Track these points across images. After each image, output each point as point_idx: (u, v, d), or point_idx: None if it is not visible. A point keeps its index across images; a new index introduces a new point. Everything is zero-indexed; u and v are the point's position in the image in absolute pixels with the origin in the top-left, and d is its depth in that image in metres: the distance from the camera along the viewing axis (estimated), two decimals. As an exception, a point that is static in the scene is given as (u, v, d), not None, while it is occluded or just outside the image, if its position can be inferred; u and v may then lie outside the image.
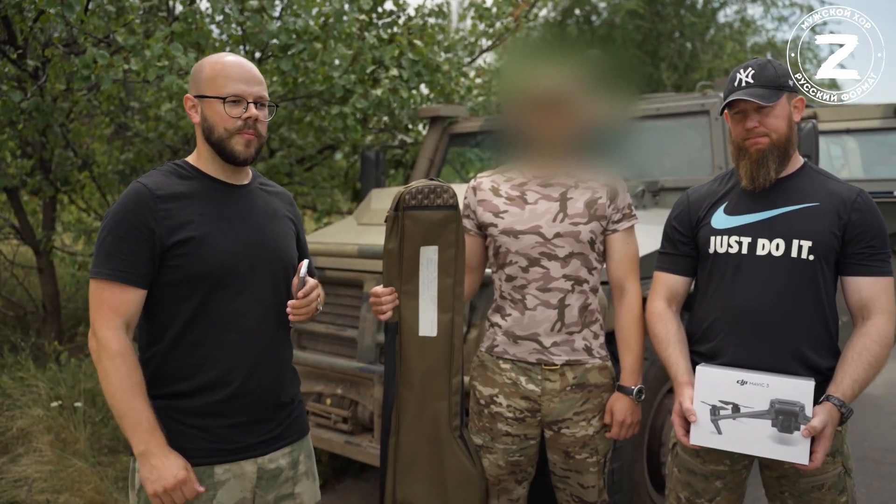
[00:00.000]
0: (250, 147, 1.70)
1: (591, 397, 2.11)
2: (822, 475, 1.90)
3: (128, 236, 1.59)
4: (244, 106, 1.66)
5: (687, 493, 2.06)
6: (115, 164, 5.46)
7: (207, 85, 1.66)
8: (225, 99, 1.65)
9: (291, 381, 1.85)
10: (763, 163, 1.89)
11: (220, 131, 1.67)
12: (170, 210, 1.62)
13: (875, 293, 1.85)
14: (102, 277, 1.59)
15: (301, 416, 1.88)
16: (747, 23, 13.74)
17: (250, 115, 1.66)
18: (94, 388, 4.58)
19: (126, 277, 1.58)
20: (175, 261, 1.62)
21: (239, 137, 1.67)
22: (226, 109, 1.65)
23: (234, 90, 1.65)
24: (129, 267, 1.58)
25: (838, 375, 1.81)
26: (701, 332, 2.01)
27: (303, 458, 1.84)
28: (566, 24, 13.69)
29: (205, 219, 1.65)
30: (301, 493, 1.82)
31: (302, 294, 1.72)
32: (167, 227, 1.61)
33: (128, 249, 1.58)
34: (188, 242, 1.62)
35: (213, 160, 1.72)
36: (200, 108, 1.69)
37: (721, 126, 3.75)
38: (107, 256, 1.59)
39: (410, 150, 5.50)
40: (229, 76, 1.66)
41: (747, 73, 1.89)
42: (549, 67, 2.18)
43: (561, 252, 2.06)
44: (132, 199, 1.62)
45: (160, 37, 3.34)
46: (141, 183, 1.65)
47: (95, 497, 3.34)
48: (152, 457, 1.56)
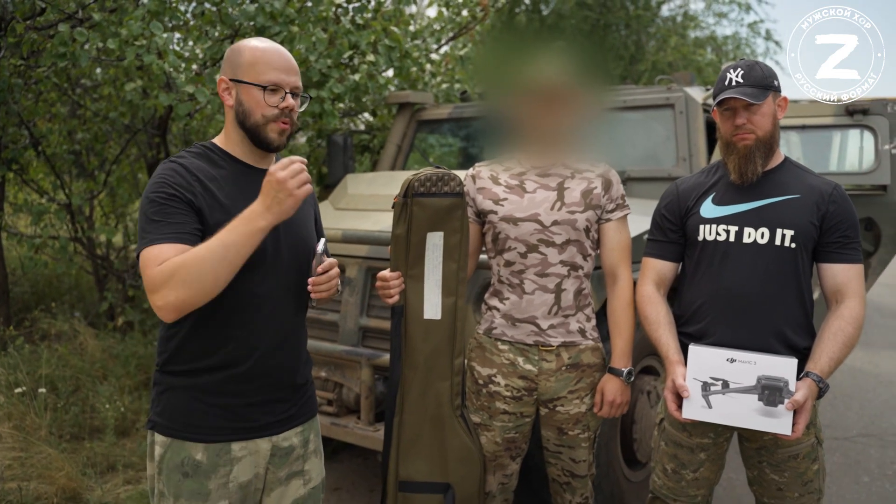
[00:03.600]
0: (283, 135, 1.72)
1: (584, 376, 2.22)
2: (798, 445, 2.06)
3: (173, 206, 1.58)
4: (282, 95, 1.68)
5: (673, 465, 2.21)
6: (71, 144, 5.29)
7: (246, 70, 1.67)
8: (266, 88, 1.67)
9: (306, 364, 1.90)
10: (750, 158, 2.03)
11: (256, 118, 1.68)
12: (206, 191, 1.64)
13: (848, 279, 2.01)
14: (156, 243, 1.54)
15: (312, 396, 1.92)
16: (690, 17, 14.16)
17: (287, 105, 1.68)
18: (54, 374, 4.48)
19: (179, 237, 1.56)
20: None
21: (274, 125, 1.69)
22: (265, 97, 1.67)
23: (273, 78, 1.67)
24: (180, 229, 1.57)
25: (816, 354, 1.97)
26: (689, 314, 2.15)
27: (312, 436, 1.89)
28: (515, 13, 13.82)
29: (235, 202, 1.67)
30: (310, 470, 1.87)
31: (321, 269, 1.73)
32: (201, 205, 1.62)
33: (176, 216, 1.57)
34: (219, 225, 1.62)
35: (242, 143, 1.74)
36: (236, 92, 1.70)
37: (685, 119, 3.92)
38: (155, 225, 1.56)
39: (378, 136, 5.52)
40: (270, 63, 1.67)
41: (737, 73, 2.02)
42: (546, 59, 2.25)
43: (558, 239, 2.16)
44: (170, 174, 1.61)
45: (138, 15, 3.27)
46: (176, 162, 1.66)
47: (68, 484, 3.29)
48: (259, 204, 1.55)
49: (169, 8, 3.61)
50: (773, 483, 2.12)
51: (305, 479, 1.86)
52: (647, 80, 12.39)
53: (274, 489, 1.80)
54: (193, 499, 1.67)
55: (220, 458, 1.68)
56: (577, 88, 2.16)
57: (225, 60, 1.73)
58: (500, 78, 2.75)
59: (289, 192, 1.54)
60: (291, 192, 1.54)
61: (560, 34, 12.93)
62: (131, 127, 5.23)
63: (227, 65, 1.72)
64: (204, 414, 1.67)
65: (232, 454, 1.70)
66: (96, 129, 5.20)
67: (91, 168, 5.66)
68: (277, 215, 1.56)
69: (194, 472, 1.66)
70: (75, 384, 4.47)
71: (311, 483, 1.87)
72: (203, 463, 1.67)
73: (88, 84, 5.31)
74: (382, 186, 3.68)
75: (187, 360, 1.69)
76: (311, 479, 1.87)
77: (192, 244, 1.56)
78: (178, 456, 1.67)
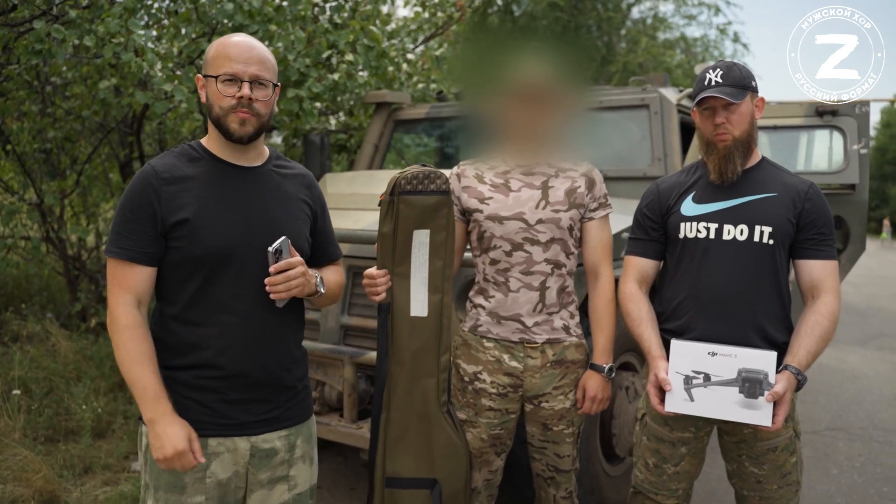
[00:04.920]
0: (246, 126, 1.72)
1: (568, 373, 2.25)
2: (777, 438, 2.12)
3: (133, 216, 1.67)
4: (238, 85, 1.70)
5: (655, 459, 2.25)
6: (41, 143, 5.20)
7: (210, 64, 1.73)
8: (218, 77, 1.70)
9: (297, 366, 1.87)
10: (730, 158, 2.08)
11: (216, 110, 1.72)
12: (171, 192, 1.68)
13: (824, 275, 2.07)
14: (113, 255, 1.68)
15: (305, 400, 1.90)
16: (660, 19, 14.37)
17: (242, 95, 1.69)
18: (26, 376, 4.41)
19: (132, 256, 1.67)
20: (175, 242, 1.68)
21: (234, 115, 1.71)
22: (219, 88, 1.70)
23: (229, 69, 1.69)
24: (136, 245, 1.67)
25: (794, 347, 2.03)
26: (670, 311, 2.19)
27: (300, 441, 1.86)
28: (487, 14, 13.89)
29: (205, 202, 1.70)
30: (296, 476, 1.85)
31: (274, 269, 1.69)
32: (167, 208, 1.67)
33: (134, 229, 1.67)
34: (185, 225, 1.67)
35: (217, 140, 1.78)
36: (206, 89, 1.75)
37: (660, 120, 3.99)
38: (117, 235, 1.68)
39: (355, 136, 5.51)
40: (228, 56, 1.70)
41: (716, 74, 2.07)
42: (526, 59, 2.28)
43: (543, 237, 2.19)
44: (139, 181, 1.70)
45: (115, 12, 3.23)
46: (150, 165, 1.72)
47: (45, 486, 3.25)
48: (157, 424, 1.64)
49: (144, 6, 3.57)
50: (752, 476, 2.18)
51: (290, 484, 1.84)
52: (619, 80, 12.54)
53: (255, 491, 1.79)
54: (170, 490, 1.69)
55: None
56: (557, 88, 2.20)
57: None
58: (481, 78, 2.78)
59: (162, 453, 1.64)
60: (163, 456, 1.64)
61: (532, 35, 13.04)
62: (104, 126, 5.15)
63: (204, 64, 1.78)
64: (181, 406, 1.69)
65: (209, 449, 1.72)
66: (68, 127, 5.12)
67: (62, 167, 5.57)
68: (149, 431, 1.66)
69: None
70: (49, 386, 4.40)
71: (297, 489, 1.85)
72: None
73: (59, 82, 5.22)
74: (363, 185, 3.68)
75: (164, 356, 1.71)
76: (297, 484, 1.85)
77: (144, 263, 1.69)
78: None
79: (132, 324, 1.65)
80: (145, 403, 1.64)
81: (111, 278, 1.68)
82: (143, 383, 1.63)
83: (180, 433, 1.63)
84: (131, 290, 1.67)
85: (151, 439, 1.64)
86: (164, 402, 1.64)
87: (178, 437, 1.63)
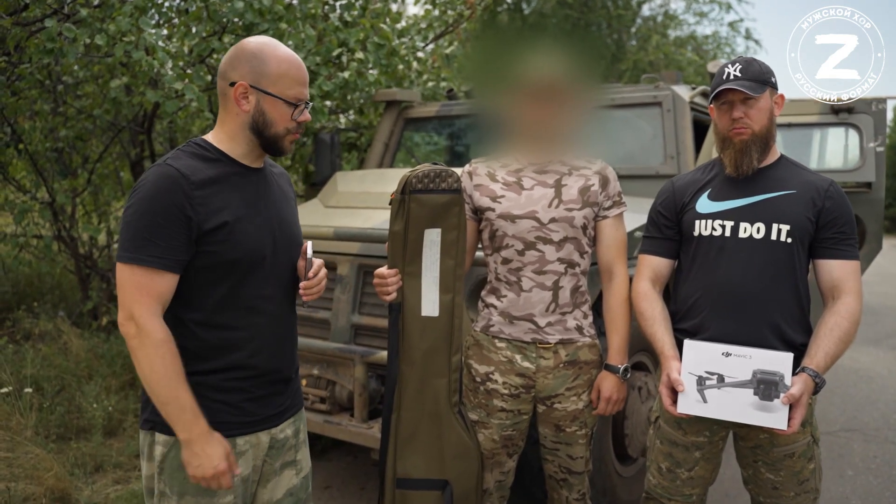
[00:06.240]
0: (293, 144, 1.80)
1: (581, 373, 2.23)
2: (794, 444, 2.07)
3: (165, 222, 1.56)
4: (301, 109, 1.73)
5: (668, 464, 2.22)
6: (53, 142, 5.22)
7: (273, 82, 1.67)
8: (296, 105, 1.71)
9: (296, 357, 1.93)
10: (746, 152, 2.04)
11: (278, 129, 1.71)
12: (204, 196, 1.61)
13: (845, 275, 2.03)
14: (141, 264, 1.56)
15: (299, 388, 1.97)
16: (671, 17, 14.28)
17: (305, 119, 1.75)
18: (38, 374, 4.42)
19: (165, 264, 1.57)
20: (210, 247, 1.62)
21: (290, 136, 1.75)
22: (286, 110, 1.70)
23: (298, 94, 1.71)
24: (168, 253, 1.57)
25: (812, 349, 1.99)
26: (685, 309, 2.16)
27: (301, 426, 1.94)
28: (497, 12, 13.85)
29: (238, 205, 1.67)
30: (301, 460, 1.91)
31: (311, 274, 1.79)
32: (203, 213, 1.60)
33: (166, 235, 1.56)
34: (223, 229, 1.63)
35: (247, 146, 1.73)
36: (256, 100, 1.68)
37: (673, 117, 3.95)
38: (144, 242, 1.56)
39: (365, 134, 5.50)
40: (295, 78, 1.69)
41: (735, 68, 2.03)
42: (538, 56, 2.25)
43: (556, 236, 2.17)
44: (166, 184, 1.58)
45: (126, 11, 3.23)
46: (172, 167, 1.61)
47: (56, 484, 3.25)
48: (195, 444, 1.60)
49: (154, 4, 3.57)
50: (768, 482, 2.14)
51: (297, 468, 1.89)
52: (629, 79, 12.47)
53: (270, 480, 1.83)
54: (200, 495, 1.67)
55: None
56: (568, 85, 2.17)
57: (239, 62, 1.68)
58: (491, 76, 2.75)
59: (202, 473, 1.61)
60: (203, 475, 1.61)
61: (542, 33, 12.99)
62: (115, 125, 5.16)
63: (245, 68, 1.67)
64: (208, 410, 1.66)
65: (237, 448, 1.72)
66: (79, 126, 5.13)
67: (74, 166, 5.59)
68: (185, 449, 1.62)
69: None
70: (60, 384, 4.42)
71: (303, 472, 1.91)
72: None
73: (70, 81, 5.24)
74: (373, 184, 3.67)
75: (189, 362, 1.66)
76: (303, 468, 1.92)
77: (174, 271, 1.59)
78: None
79: (167, 339, 1.57)
80: (182, 423, 1.59)
81: (134, 286, 1.56)
82: (179, 403, 1.58)
83: (219, 452, 1.62)
84: (160, 299, 1.58)
85: (188, 458, 1.60)
86: (201, 421, 1.61)
87: (218, 457, 1.61)
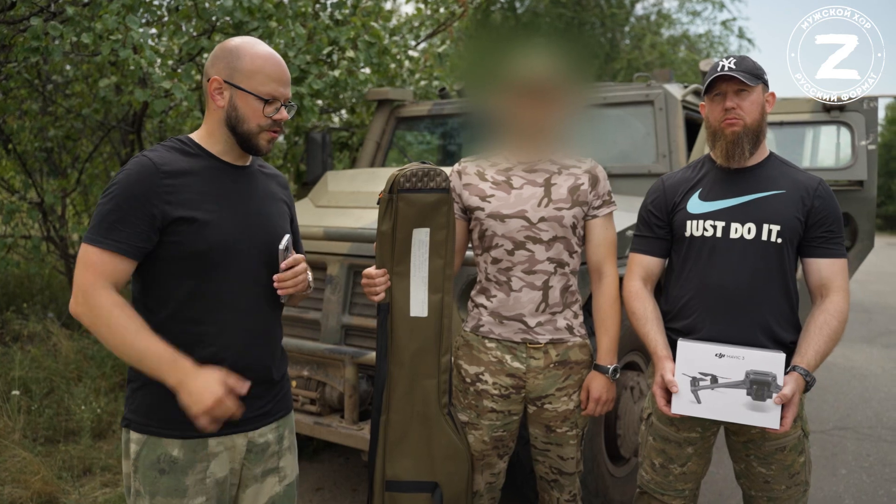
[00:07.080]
0: (271, 143, 1.76)
1: (571, 373, 2.21)
2: (785, 438, 2.08)
3: (129, 210, 1.59)
4: (277, 107, 1.71)
5: (661, 460, 2.21)
6: (42, 142, 5.17)
7: (246, 77, 1.67)
8: (267, 101, 1.68)
9: (281, 359, 1.89)
10: (738, 143, 2.04)
11: (250, 126, 1.70)
12: (173, 186, 1.62)
13: (833, 273, 2.03)
14: (100, 247, 1.58)
15: (287, 393, 1.93)
16: (664, 16, 14.29)
17: (282, 118, 1.72)
18: (27, 376, 4.39)
19: (124, 249, 1.59)
20: (175, 237, 1.62)
21: (265, 134, 1.72)
22: (257, 106, 1.68)
23: (272, 91, 1.69)
24: (128, 239, 1.59)
25: (802, 348, 1.98)
26: (676, 309, 2.15)
27: (287, 433, 1.89)
28: (490, 11, 13.84)
29: (207, 198, 1.66)
30: (284, 467, 1.87)
31: (284, 265, 1.74)
32: (170, 203, 1.61)
33: (129, 222, 1.59)
34: (189, 220, 1.63)
35: (225, 144, 1.74)
36: (230, 96, 1.69)
37: (665, 116, 3.94)
38: (108, 227, 1.58)
39: (356, 133, 5.47)
40: (270, 75, 1.68)
41: (729, 61, 2.03)
42: (530, 54, 2.24)
43: (545, 236, 2.15)
44: (136, 173, 1.61)
45: (113, 9, 3.20)
46: (146, 157, 1.64)
47: (43, 488, 3.22)
48: (186, 384, 1.57)
49: (143, 3, 3.54)
50: (760, 476, 2.14)
51: (281, 475, 1.86)
52: (623, 78, 12.47)
53: (249, 486, 1.79)
54: (170, 495, 1.65)
55: (196, 453, 1.67)
56: (560, 84, 2.15)
57: (217, 59, 1.70)
58: (484, 75, 2.73)
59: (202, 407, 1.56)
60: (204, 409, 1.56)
61: (535, 31, 12.98)
62: (105, 124, 5.12)
63: (221, 64, 1.69)
64: (180, 409, 1.63)
65: (209, 449, 1.69)
66: (69, 126, 5.09)
67: (63, 166, 5.54)
68: (179, 393, 1.57)
69: (171, 468, 1.65)
70: (49, 386, 4.38)
71: (287, 480, 1.87)
72: (179, 459, 1.65)
73: (60, 80, 5.20)
74: (364, 183, 3.65)
75: None
76: (287, 476, 1.88)
77: (131, 257, 1.60)
78: (153, 453, 1.65)
79: (118, 301, 1.57)
80: (164, 368, 1.56)
81: (89, 266, 1.58)
82: (154, 351, 1.56)
83: (212, 380, 1.58)
84: (112, 278, 1.59)
85: (185, 401, 1.56)
86: (183, 361, 1.58)
87: (213, 383, 1.57)
